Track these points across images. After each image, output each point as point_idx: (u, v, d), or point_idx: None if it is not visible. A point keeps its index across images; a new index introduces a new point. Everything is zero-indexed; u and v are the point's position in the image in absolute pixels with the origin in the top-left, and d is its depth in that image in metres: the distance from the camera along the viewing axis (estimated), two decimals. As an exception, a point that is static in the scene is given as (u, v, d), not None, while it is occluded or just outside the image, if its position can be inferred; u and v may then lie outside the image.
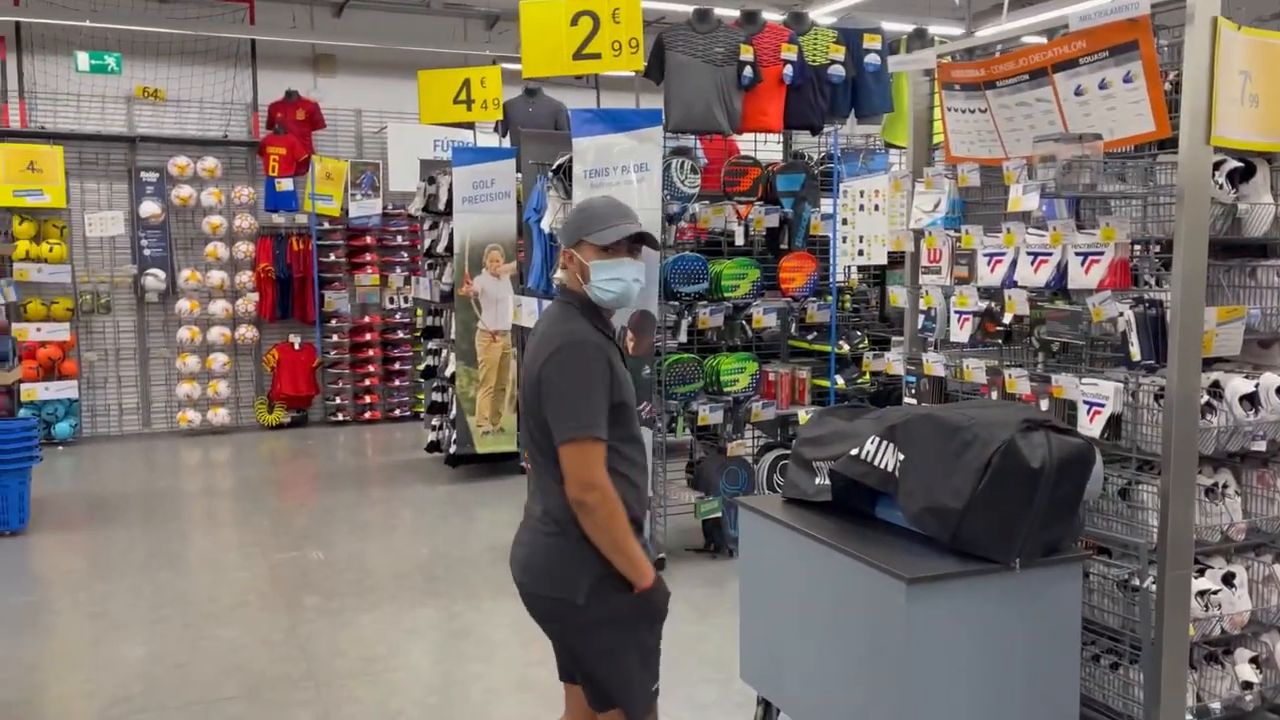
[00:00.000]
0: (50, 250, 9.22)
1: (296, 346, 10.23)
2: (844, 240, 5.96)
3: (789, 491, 3.51)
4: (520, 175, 7.42)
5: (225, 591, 5.47)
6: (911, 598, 2.67)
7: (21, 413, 7.94)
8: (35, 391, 9.04)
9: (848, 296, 6.62)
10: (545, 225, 5.92)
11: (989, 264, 3.58)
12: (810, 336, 6.28)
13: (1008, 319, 3.49)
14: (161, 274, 9.83)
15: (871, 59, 5.97)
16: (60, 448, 9.25)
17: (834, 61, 5.88)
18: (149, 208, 9.69)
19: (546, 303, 5.92)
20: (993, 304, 3.56)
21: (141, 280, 9.81)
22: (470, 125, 8.32)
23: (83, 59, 9.05)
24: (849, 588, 2.92)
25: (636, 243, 2.57)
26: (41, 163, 8.86)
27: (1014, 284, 3.47)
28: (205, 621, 5.00)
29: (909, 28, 6.88)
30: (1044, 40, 3.40)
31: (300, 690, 4.19)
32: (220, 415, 10.02)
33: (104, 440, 9.71)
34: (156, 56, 9.72)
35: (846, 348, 6.32)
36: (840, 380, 6.11)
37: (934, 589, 2.71)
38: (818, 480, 3.38)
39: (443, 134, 10.02)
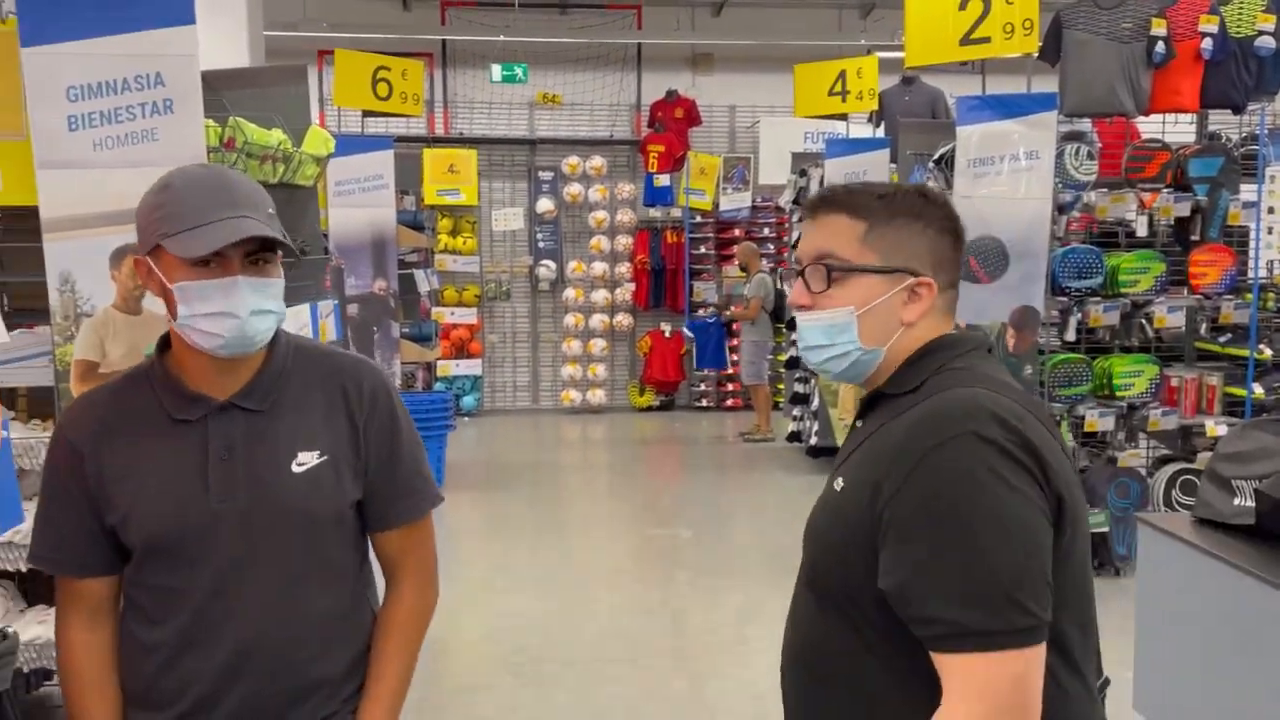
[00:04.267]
0: (464, 243, 10.41)
1: (667, 334, 10.78)
2: (1269, 231, 5.27)
3: (1200, 511, 3.19)
4: (895, 166, 7.29)
5: (603, 559, 5.91)
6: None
7: (437, 386, 9.05)
8: (449, 368, 10.25)
9: (1271, 295, 5.85)
10: (922, 217, 5.78)
11: None
12: (1223, 339, 5.63)
13: None
14: (552, 265, 10.77)
15: (1313, 25, 5.22)
16: (466, 419, 10.42)
17: (1262, 32, 5.21)
18: (544, 204, 10.64)
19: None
20: None
21: (535, 270, 10.80)
22: (843, 117, 8.30)
23: (496, 71, 10.11)
24: (1273, 622, 2.60)
25: (264, 250, 1.53)
26: (459, 165, 10.00)
27: None
28: (589, 585, 5.43)
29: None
30: None
31: (675, 659, 4.44)
32: (598, 396, 10.80)
33: (500, 413, 10.82)
34: (556, 64, 10.62)
35: (1268, 353, 5.60)
36: (1259, 389, 5.42)
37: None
38: (1237, 501, 3.04)
39: (814, 126, 10.07)
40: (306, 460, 1.57)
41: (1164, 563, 3.17)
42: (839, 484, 1.36)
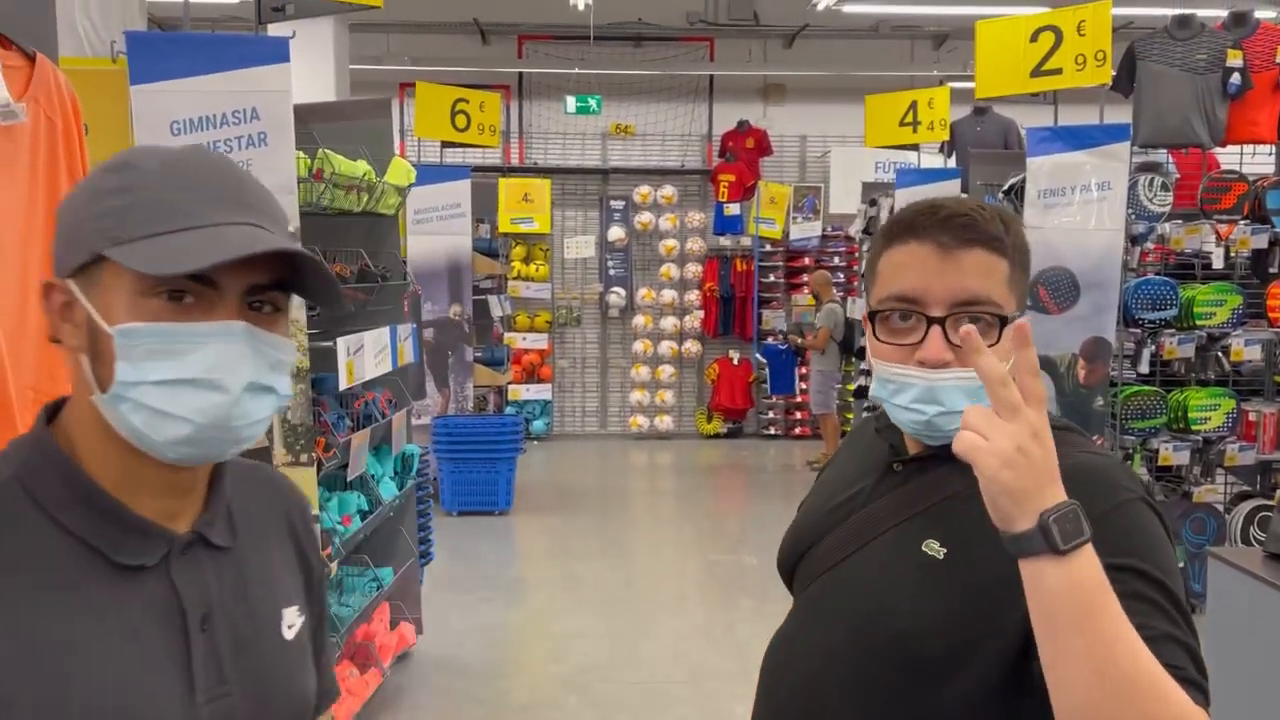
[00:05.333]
0: (536, 270, 10.61)
1: (735, 361, 10.82)
2: (1354, 264, 5.15)
3: (1272, 545, 3.14)
4: (966, 196, 7.26)
5: (669, 583, 5.96)
6: None
7: (508, 410, 9.22)
8: (519, 392, 10.43)
9: (1356, 329, 5.70)
10: (992, 247, 5.77)
11: None
12: (1304, 373, 5.50)
13: None
14: (622, 292, 10.91)
15: (1399, 54, 5.11)
16: (535, 442, 10.58)
17: (1348, 60, 5.12)
18: (615, 232, 10.80)
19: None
20: None
21: (605, 297, 10.95)
22: (914, 147, 8.30)
23: (570, 102, 10.32)
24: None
25: (277, 289, 0.98)
26: (533, 194, 10.22)
27: None
28: (653, 608, 5.49)
29: None
30: None
31: (739, 684, 4.47)
32: (665, 422, 10.88)
33: (569, 438, 10.95)
34: (629, 95, 10.81)
35: (1352, 388, 5.45)
36: (1342, 426, 5.28)
37: None
38: (1311, 536, 3.00)
39: (885, 156, 10.07)
40: (294, 621, 1.06)
41: (1234, 597, 3.13)
42: (934, 548, 1.19)
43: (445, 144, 8.33)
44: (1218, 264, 5.28)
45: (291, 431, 3.40)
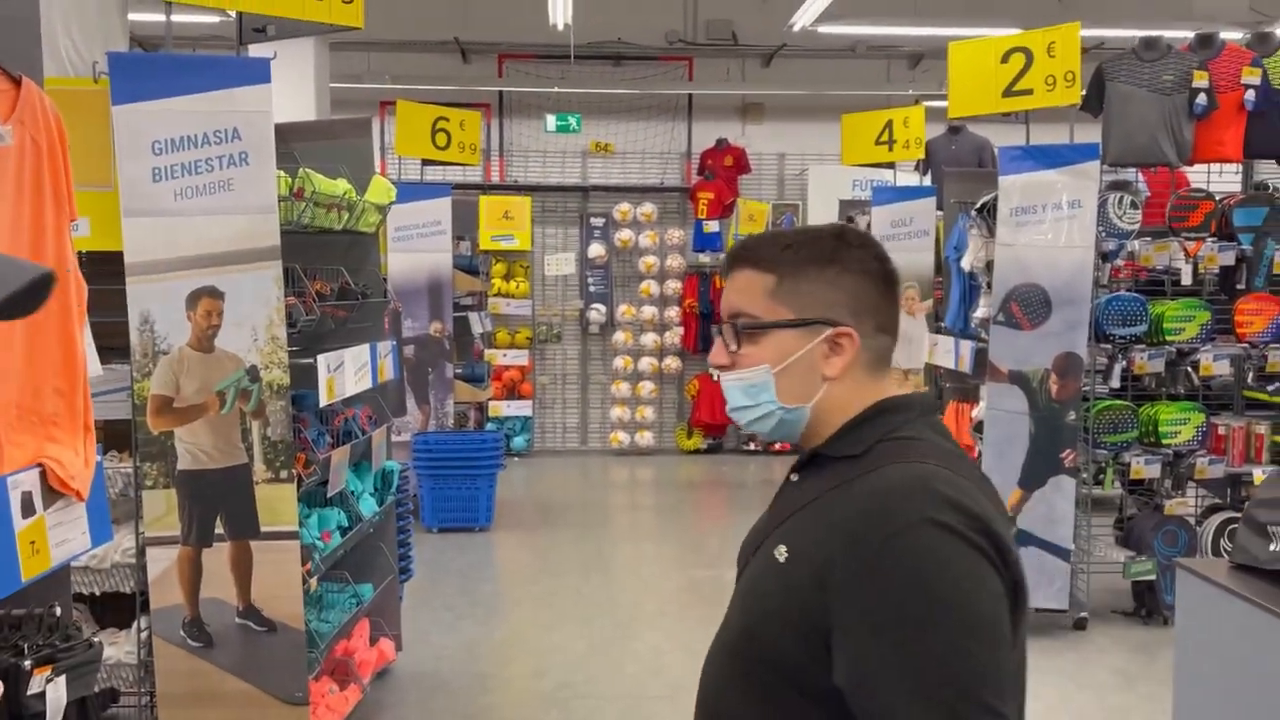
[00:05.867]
0: (516, 287, 10.64)
1: (715, 378, 10.86)
2: (1318, 280, 5.27)
3: (1238, 556, 3.21)
4: (940, 213, 7.37)
5: (649, 599, 5.99)
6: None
7: (488, 426, 9.23)
8: (500, 408, 10.44)
9: (1321, 344, 5.81)
10: (965, 264, 5.85)
11: None
12: (1271, 388, 5.60)
13: None
14: (603, 308, 10.96)
15: (1358, 76, 5.25)
16: (516, 459, 10.58)
17: (1309, 81, 5.24)
18: (595, 249, 10.86)
19: (965, 343, 5.88)
20: None
21: (586, 314, 10.99)
22: (890, 165, 8.41)
23: (550, 121, 10.39)
24: (1312, 669, 2.62)
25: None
26: (514, 211, 10.26)
27: None
28: (633, 624, 5.51)
29: None
30: None
31: (715, 698, 4.50)
32: (646, 438, 10.91)
33: (550, 454, 10.96)
34: (608, 114, 10.88)
35: (1318, 402, 5.56)
36: (1309, 438, 5.38)
37: None
38: (1272, 546, 3.06)
39: (862, 174, 10.19)
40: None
41: (1201, 608, 3.19)
42: (781, 552, 1.27)
43: (426, 162, 8.38)
44: (1186, 280, 5.38)
45: (272, 448, 3.42)
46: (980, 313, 5.61)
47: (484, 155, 10.57)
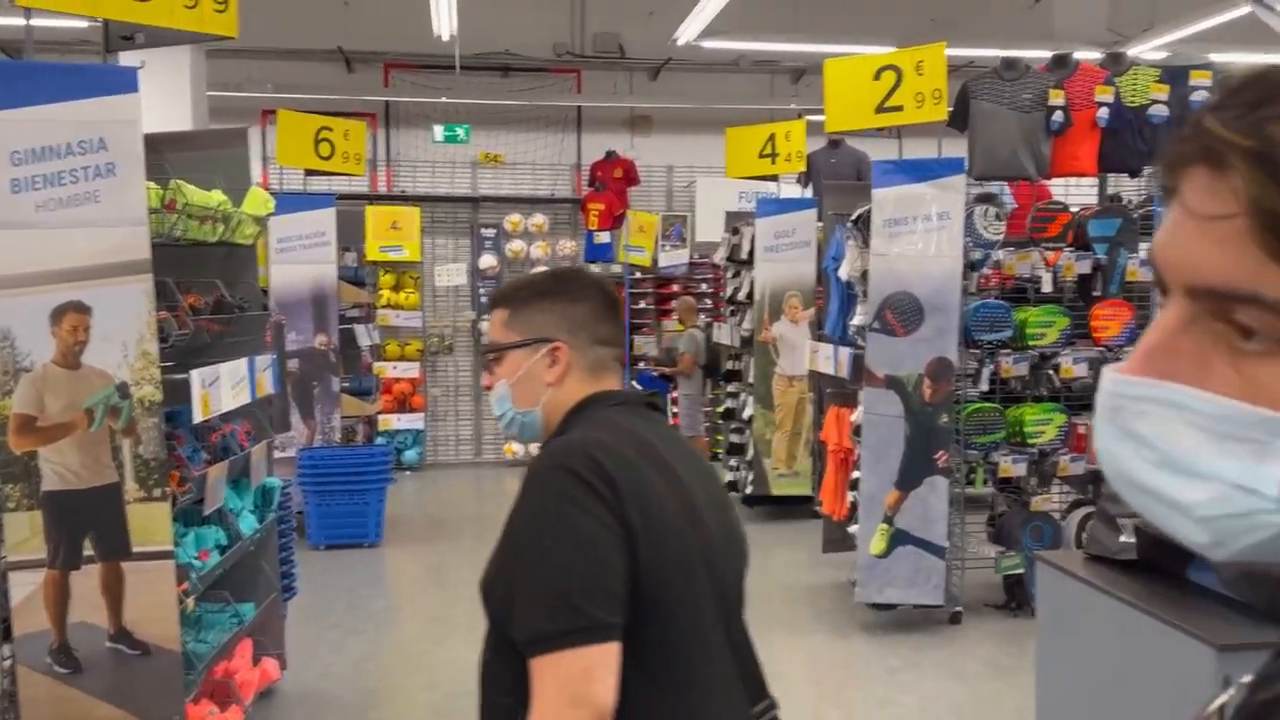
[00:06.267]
0: (406, 298, 10.52)
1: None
2: (1166, 287, 5.61)
3: (1091, 548, 3.41)
4: (821, 225, 7.60)
5: (542, 609, 6.00)
6: (1222, 666, 2.54)
7: (378, 440, 9.10)
8: (390, 421, 10.30)
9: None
10: (843, 274, 6.05)
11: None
12: (1126, 388, 5.94)
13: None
14: (494, 319, 10.92)
15: (1199, 96, 5.62)
16: (408, 472, 10.45)
17: (1155, 101, 5.60)
18: (486, 260, 10.82)
19: (844, 349, 6.08)
20: None
21: (478, 325, 10.94)
22: (774, 177, 8.62)
23: (438, 131, 10.33)
24: (1154, 652, 2.81)
25: None
26: (402, 222, 10.15)
27: None
28: (525, 634, 5.51)
29: (1252, 58, 6.39)
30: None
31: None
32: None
33: (443, 467, 10.86)
34: (497, 125, 10.87)
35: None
36: (1160, 436, 5.73)
37: (1246, 658, 2.56)
38: (1122, 537, 3.27)
39: (747, 186, 10.40)
40: None
41: (1059, 598, 3.38)
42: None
43: (309, 172, 8.23)
44: (1047, 288, 5.66)
45: (144, 466, 3.33)
46: (857, 320, 5.80)
47: (370, 165, 10.44)
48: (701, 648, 1.49)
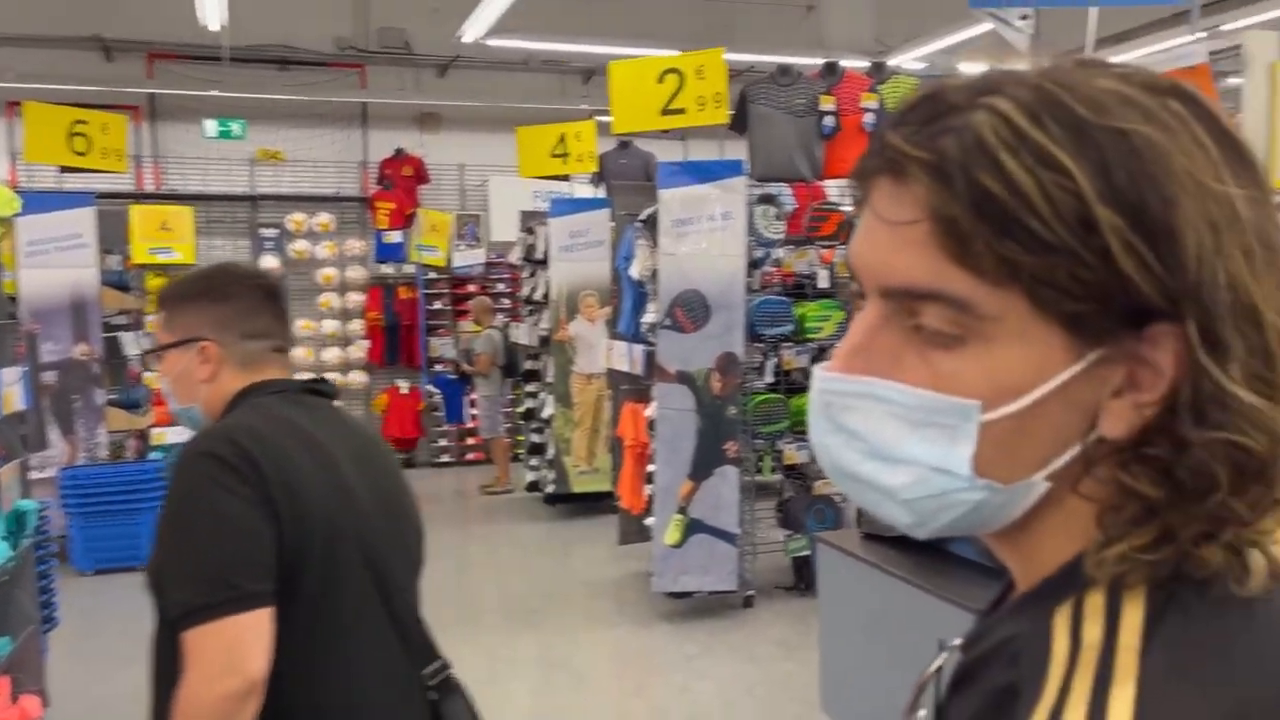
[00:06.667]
0: (180, 303, 9.90)
1: (404, 391, 10.69)
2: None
3: (866, 527, 3.64)
4: (613, 225, 7.71)
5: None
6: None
7: (151, 455, 8.51)
8: (165, 435, 9.64)
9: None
10: (635, 273, 6.17)
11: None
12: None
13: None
14: (279, 323, 10.44)
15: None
16: (187, 488, 9.84)
17: (915, 107, 6.01)
18: (268, 262, 10.32)
19: (637, 347, 6.19)
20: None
21: (261, 330, 10.42)
22: (566, 177, 8.67)
23: (210, 126, 9.76)
24: (921, 620, 3.02)
25: None
26: (173, 223, 9.52)
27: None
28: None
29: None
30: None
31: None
32: (332, 457, 10.52)
33: (226, 481, 10.28)
34: (276, 120, 10.39)
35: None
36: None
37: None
38: (892, 515, 3.50)
39: (541, 186, 10.41)
40: None
41: (837, 576, 3.58)
42: None
43: (64, 169, 7.60)
44: (824, 284, 5.98)
45: None
46: (649, 318, 5.93)
47: (135, 162, 9.76)
48: (356, 619, 1.57)
